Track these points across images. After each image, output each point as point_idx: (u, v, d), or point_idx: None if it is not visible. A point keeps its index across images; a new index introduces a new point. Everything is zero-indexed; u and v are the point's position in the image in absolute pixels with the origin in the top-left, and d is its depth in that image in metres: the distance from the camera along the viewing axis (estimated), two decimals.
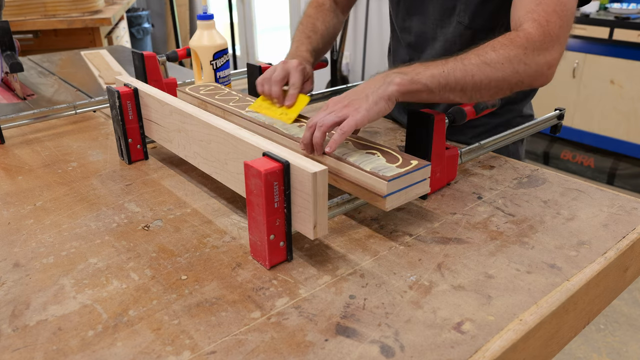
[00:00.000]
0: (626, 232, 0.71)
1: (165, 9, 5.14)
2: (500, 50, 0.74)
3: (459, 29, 0.95)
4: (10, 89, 1.48)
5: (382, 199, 0.66)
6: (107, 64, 1.76)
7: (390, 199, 0.66)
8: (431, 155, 0.77)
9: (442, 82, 0.72)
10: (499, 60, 0.74)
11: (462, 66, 0.73)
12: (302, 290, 0.61)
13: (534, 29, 0.75)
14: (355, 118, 0.71)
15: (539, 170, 0.90)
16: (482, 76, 0.73)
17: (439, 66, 0.73)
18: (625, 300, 2.09)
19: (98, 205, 0.82)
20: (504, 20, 0.89)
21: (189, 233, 0.74)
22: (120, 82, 0.96)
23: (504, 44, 0.75)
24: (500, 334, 0.53)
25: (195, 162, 0.83)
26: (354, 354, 0.51)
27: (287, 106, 0.89)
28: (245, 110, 0.92)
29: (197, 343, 0.53)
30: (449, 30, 0.97)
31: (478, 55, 0.74)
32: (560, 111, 1.00)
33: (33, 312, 0.58)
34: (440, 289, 0.60)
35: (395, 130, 1.11)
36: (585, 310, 0.65)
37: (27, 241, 0.72)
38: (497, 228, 0.73)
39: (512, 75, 0.75)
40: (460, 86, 0.73)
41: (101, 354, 0.52)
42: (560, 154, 3.09)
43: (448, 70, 0.73)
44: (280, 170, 0.60)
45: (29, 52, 2.36)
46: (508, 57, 0.74)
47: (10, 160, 0.99)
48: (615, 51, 2.74)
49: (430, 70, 0.73)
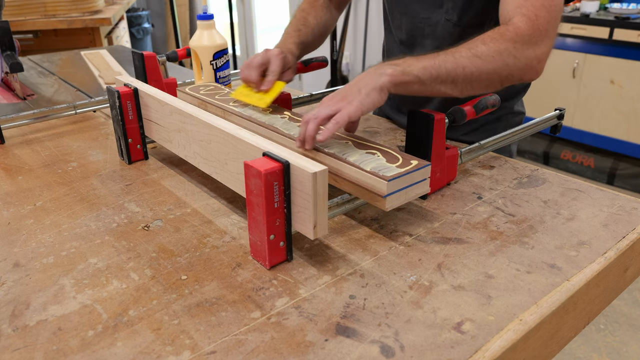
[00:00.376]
0: (626, 232, 0.71)
1: (165, 9, 5.14)
2: (490, 44, 0.75)
3: (448, 27, 0.96)
4: (10, 89, 1.48)
5: (382, 199, 0.66)
6: (107, 64, 1.76)
7: (390, 199, 0.66)
8: (431, 155, 0.77)
9: (433, 74, 0.73)
10: (489, 53, 0.75)
11: (453, 59, 0.74)
12: (302, 290, 0.61)
13: (523, 23, 0.76)
14: (348, 110, 0.71)
15: (539, 170, 0.90)
16: (473, 68, 0.74)
17: (430, 58, 0.74)
18: (625, 300, 2.09)
19: (98, 205, 0.82)
20: (493, 17, 0.90)
21: (189, 233, 0.74)
22: (120, 82, 0.96)
23: (494, 38, 0.76)
24: (500, 334, 0.53)
25: (195, 162, 0.83)
26: (354, 354, 0.51)
27: (263, 91, 0.91)
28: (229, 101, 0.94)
29: (197, 343, 0.53)
30: (438, 27, 0.98)
31: (469, 48, 0.75)
32: (560, 111, 1.00)
33: (33, 312, 0.58)
34: (440, 289, 0.60)
35: (395, 130, 1.11)
36: (585, 310, 0.65)
37: (27, 241, 0.72)
38: (497, 228, 0.73)
39: (502, 68, 0.76)
40: (452, 78, 0.74)
41: (101, 354, 0.52)
42: (560, 154, 3.09)
43: (439, 62, 0.74)
44: (280, 170, 0.60)
45: (29, 52, 2.37)
46: (498, 50, 0.75)
47: (10, 160, 1.00)
48: (615, 51, 2.74)
49: (422, 62, 0.74)
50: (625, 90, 2.75)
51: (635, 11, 2.76)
